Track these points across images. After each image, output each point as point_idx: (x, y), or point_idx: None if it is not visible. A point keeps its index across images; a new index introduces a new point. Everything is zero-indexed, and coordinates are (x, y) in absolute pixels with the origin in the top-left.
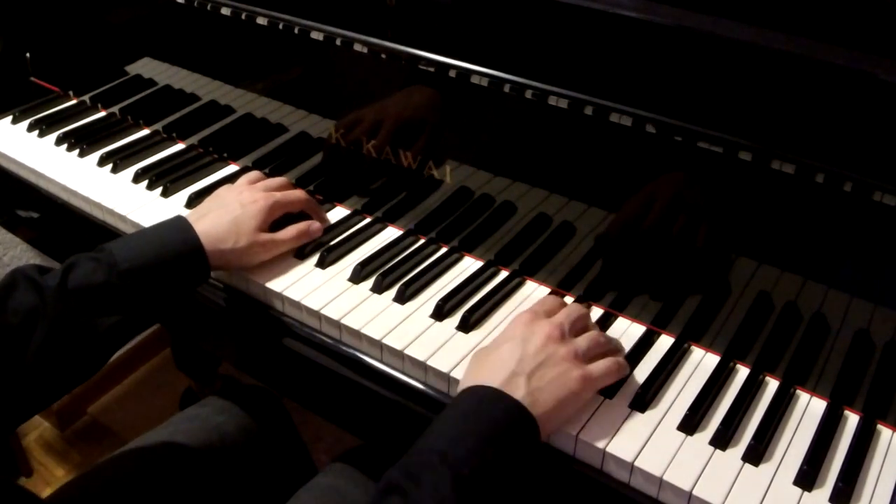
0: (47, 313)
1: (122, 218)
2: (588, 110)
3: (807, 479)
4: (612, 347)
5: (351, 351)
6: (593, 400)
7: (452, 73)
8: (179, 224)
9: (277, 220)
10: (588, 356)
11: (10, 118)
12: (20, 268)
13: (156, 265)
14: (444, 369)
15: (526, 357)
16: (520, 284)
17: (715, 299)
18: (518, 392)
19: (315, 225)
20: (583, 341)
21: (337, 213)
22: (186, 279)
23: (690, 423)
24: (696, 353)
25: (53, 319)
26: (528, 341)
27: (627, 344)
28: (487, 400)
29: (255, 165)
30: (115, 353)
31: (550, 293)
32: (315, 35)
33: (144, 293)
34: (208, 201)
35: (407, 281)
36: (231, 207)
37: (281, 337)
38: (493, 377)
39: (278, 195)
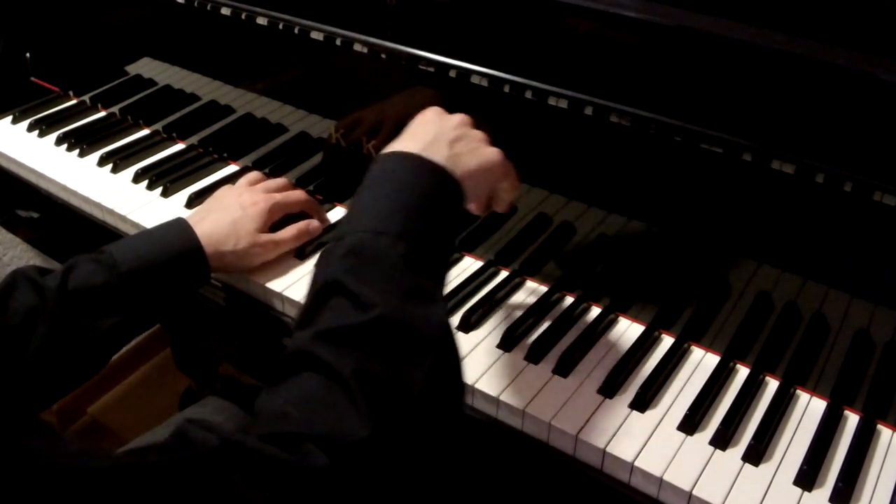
0: (47, 314)
1: (123, 218)
2: (588, 110)
3: (807, 479)
4: None
5: None
6: (593, 400)
7: (452, 73)
8: (180, 226)
9: (277, 221)
10: None
11: (10, 118)
12: (20, 269)
13: (156, 267)
14: None
15: (445, 129)
16: (520, 284)
17: (715, 299)
18: (438, 156)
19: (314, 223)
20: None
21: (337, 214)
22: (186, 281)
23: (690, 423)
24: (696, 353)
25: (53, 320)
26: (444, 120)
27: (627, 344)
28: (409, 167)
29: (255, 165)
30: (115, 353)
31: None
32: (315, 35)
33: (144, 294)
34: (208, 203)
35: None
36: (231, 209)
37: (281, 337)
38: (411, 146)
39: (279, 197)
